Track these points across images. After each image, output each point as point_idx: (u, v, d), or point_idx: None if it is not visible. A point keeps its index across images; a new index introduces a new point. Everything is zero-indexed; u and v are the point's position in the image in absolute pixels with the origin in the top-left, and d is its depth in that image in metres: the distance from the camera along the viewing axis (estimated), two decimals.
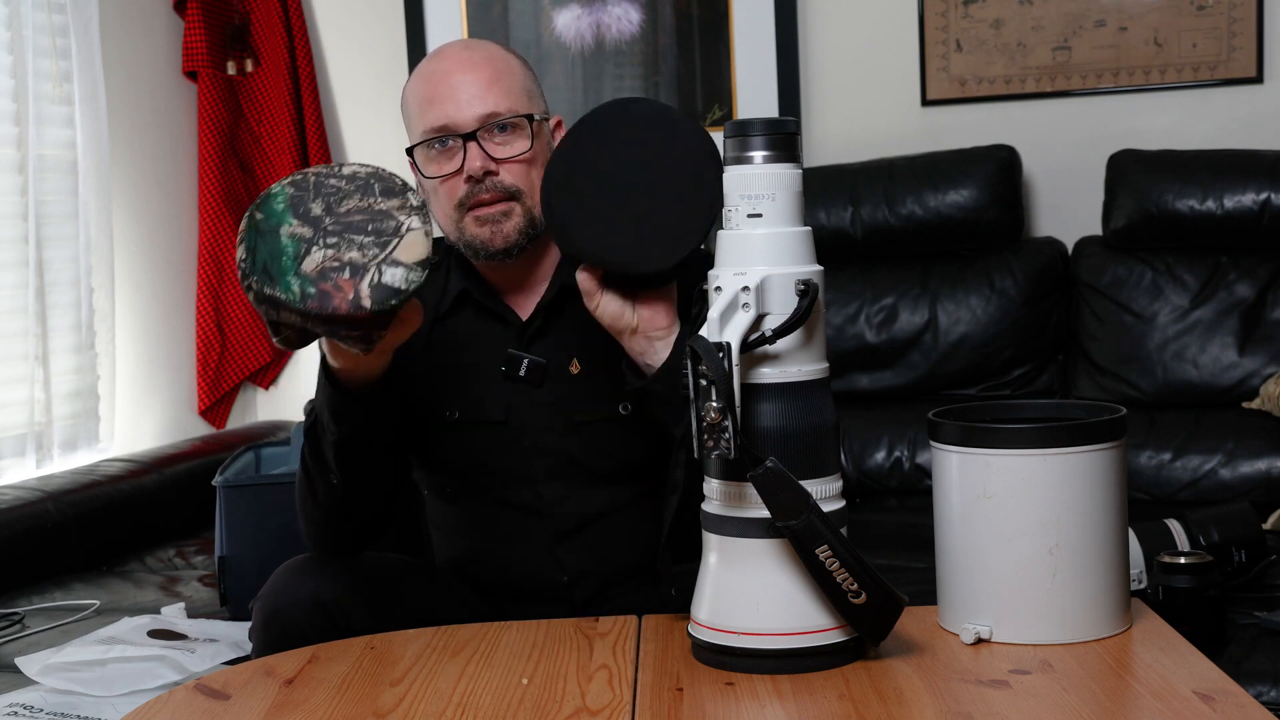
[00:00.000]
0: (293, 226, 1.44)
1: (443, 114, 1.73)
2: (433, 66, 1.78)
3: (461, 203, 1.73)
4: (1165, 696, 1.26)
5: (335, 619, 1.65)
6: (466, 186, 1.72)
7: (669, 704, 1.30)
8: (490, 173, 1.72)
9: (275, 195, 1.46)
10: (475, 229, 1.73)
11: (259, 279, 1.42)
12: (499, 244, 1.73)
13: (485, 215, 1.72)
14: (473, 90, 1.73)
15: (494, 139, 1.73)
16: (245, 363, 3.60)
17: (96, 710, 1.95)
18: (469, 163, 1.71)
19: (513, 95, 1.75)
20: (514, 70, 1.78)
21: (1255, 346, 2.90)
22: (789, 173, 1.39)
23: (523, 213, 1.73)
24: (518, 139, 1.74)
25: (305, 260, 1.42)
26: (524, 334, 1.77)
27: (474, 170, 1.71)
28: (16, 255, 2.95)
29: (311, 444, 1.68)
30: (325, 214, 1.46)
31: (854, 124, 3.36)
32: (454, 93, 1.73)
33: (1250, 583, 2.24)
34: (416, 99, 1.77)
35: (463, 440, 1.78)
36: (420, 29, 3.53)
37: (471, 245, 1.75)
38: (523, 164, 1.73)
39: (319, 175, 1.49)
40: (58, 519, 2.72)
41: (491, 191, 1.72)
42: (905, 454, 3.00)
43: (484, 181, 1.72)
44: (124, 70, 3.36)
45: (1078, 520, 1.39)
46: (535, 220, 1.74)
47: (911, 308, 3.07)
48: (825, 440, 1.38)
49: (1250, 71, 3.15)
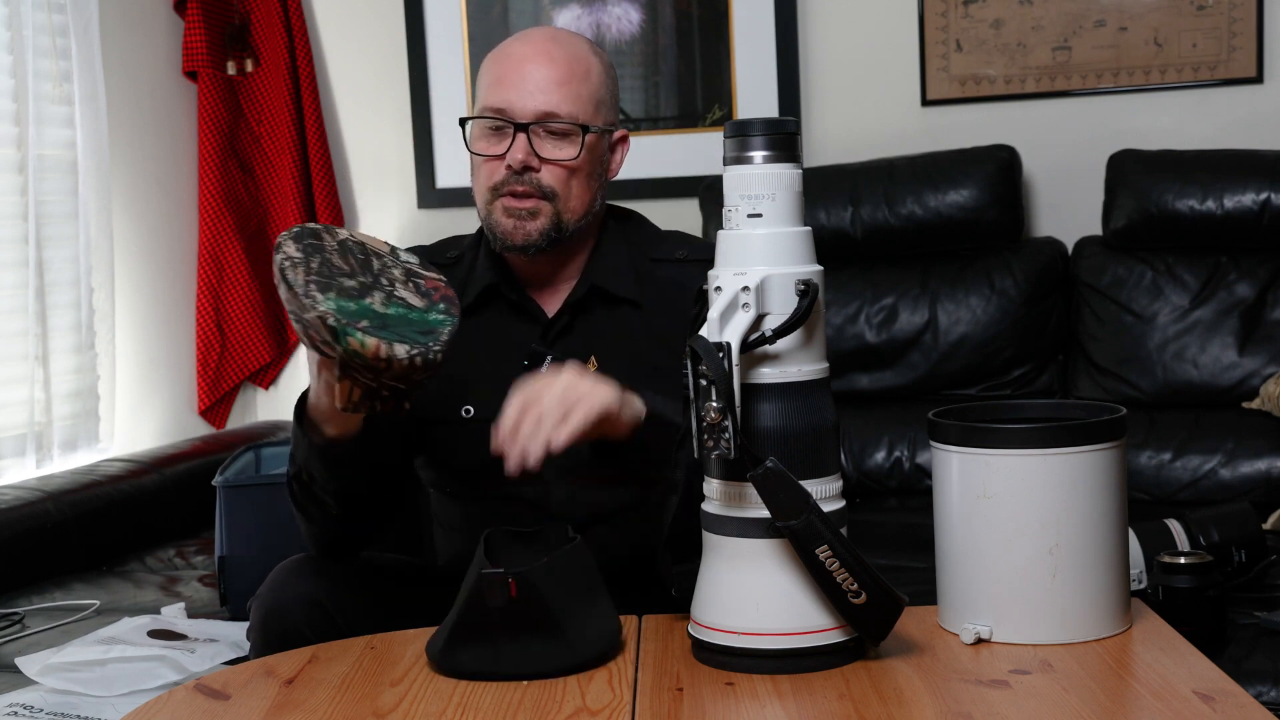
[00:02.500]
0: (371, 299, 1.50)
1: (505, 97, 1.73)
2: (515, 48, 1.77)
3: (496, 187, 1.73)
4: (1165, 696, 1.26)
5: (333, 618, 1.65)
6: (505, 173, 1.72)
7: (669, 704, 1.30)
8: (530, 168, 1.72)
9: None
10: (501, 218, 1.74)
11: (374, 335, 1.44)
12: (519, 239, 1.73)
13: (513, 208, 1.73)
14: (540, 83, 1.72)
15: (545, 137, 1.73)
16: (245, 363, 3.60)
17: (96, 710, 1.95)
18: (512, 153, 1.72)
19: (579, 101, 1.74)
20: (590, 75, 1.76)
21: (1255, 346, 2.90)
22: (789, 173, 1.39)
23: (551, 215, 1.73)
24: (568, 145, 1.73)
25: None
26: (549, 331, 1.77)
27: (514, 162, 1.72)
28: (16, 255, 2.95)
29: (300, 489, 1.69)
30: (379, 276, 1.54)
31: (854, 124, 3.36)
32: (522, 80, 1.73)
33: (1250, 583, 2.24)
34: (489, 74, 1.77)
35: (476, 438, 1.77)
36: (420, 29, 3.54)
37: (494, 232, 1.75)
38: (566, 169, 1.73)
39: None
40: (58, 519, 2.71)
41: (526, 186, 1.72)
42: (905, 454, 3.00)
43: (523, 175, 1.72)
44: (124, 70, 3.36)
45: (1078, 520, 1.39)
46: (563, 224, 1.74)
47: (911, 308, 3.07)
48: (825, 440, 1.38)
49: (1250, 71, 3.15)
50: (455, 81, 3.55)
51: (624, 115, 3.44)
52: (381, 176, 3.65)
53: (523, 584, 1.39)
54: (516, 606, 1.39)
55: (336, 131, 3.66)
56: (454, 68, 3.54)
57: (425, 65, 3.55)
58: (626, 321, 1.78)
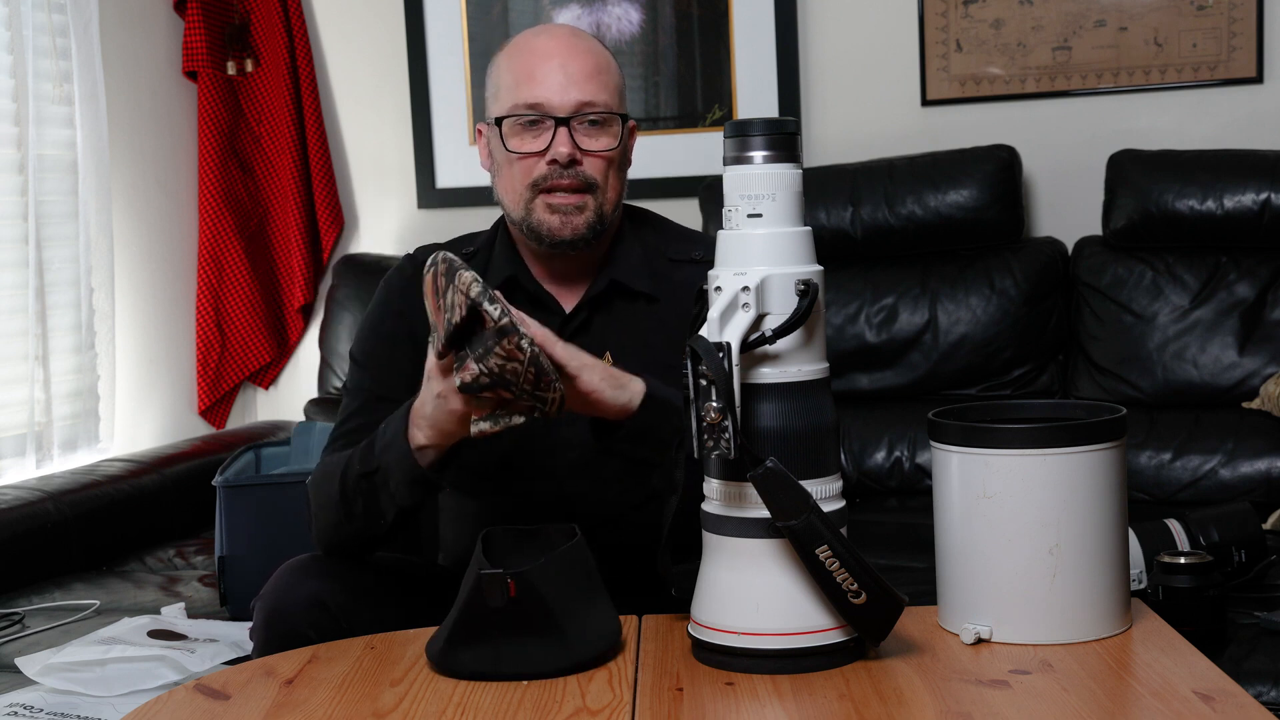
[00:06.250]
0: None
1: (541, 92, 1.73)
2: (538, 43, 1.77)
3: (536, 183, 1.73)
4: (1165, 696, 1.26)
5: (336, 619, 1.64)
6: (547, 168, 1.72)
7: (669, 704, 1.30)
8: (575, 161, 1.72)
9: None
10: (545, 215, 1.73)
11: (537, 348, 1.42)
12: (567, 234, 1.73)
13: (559, 204, 1.73)
14: (576, 75, 1.73)
15: (586, 129, 1.73)
16: (245, 363, 3.60)
17: (96, 710, 1.95)
18: (556, 146, 1.72)
19: (610, 91, 1.76)
20: (612, 69, 1.79)
21: (1255, 346, 2.89)
22: (789, 173, 1.39)
23: (595, 207, 1.74)
24: (606, 134, 1.75)
25: None
26: (566, 326, 1.77)
27: (560, 156, 1.71)
28: (16, 255, 2.95)
29: (366, 490, 1.64)
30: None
31: (854, 124, 3.36)
32: (556, 74, 1.73)
33: (1250, 583, 2.24)
34: (514, 71, 1.76)
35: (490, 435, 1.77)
36: (420, 29, 3.54)
37: (536, 230, 1.74)
38: (605, 159, 1.74)
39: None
40: (58, 519, 2.72)
41: (572, 179, 1.72)
42: (905, 454, 3.00)
43: (568, 168, 1.72)
44: (124, 70, 3.36)
45: (1078, 520, 1.39)
46: (605, 216, 1.75)
47: (911, 308, 3.07)
48: (825, 440, 1.38)
49: (1250, 71, 3.15)
50: (455, 81, 3.55)
51: None
52: (381, 176, 3.65)
53: (522, 584, 1.39)
54: (516, 606, 1.39)
55: (336, 131, 3.66)
56: (454, 68, 3.54)
57: (425, 65, 3.55)
58: (643, 318, 1.78)
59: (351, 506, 1.67)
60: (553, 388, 1.43)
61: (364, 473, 1.64)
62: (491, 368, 1.41)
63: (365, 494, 1.65)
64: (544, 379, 1.42)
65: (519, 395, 1.43)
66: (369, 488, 1.64)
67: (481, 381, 1.42)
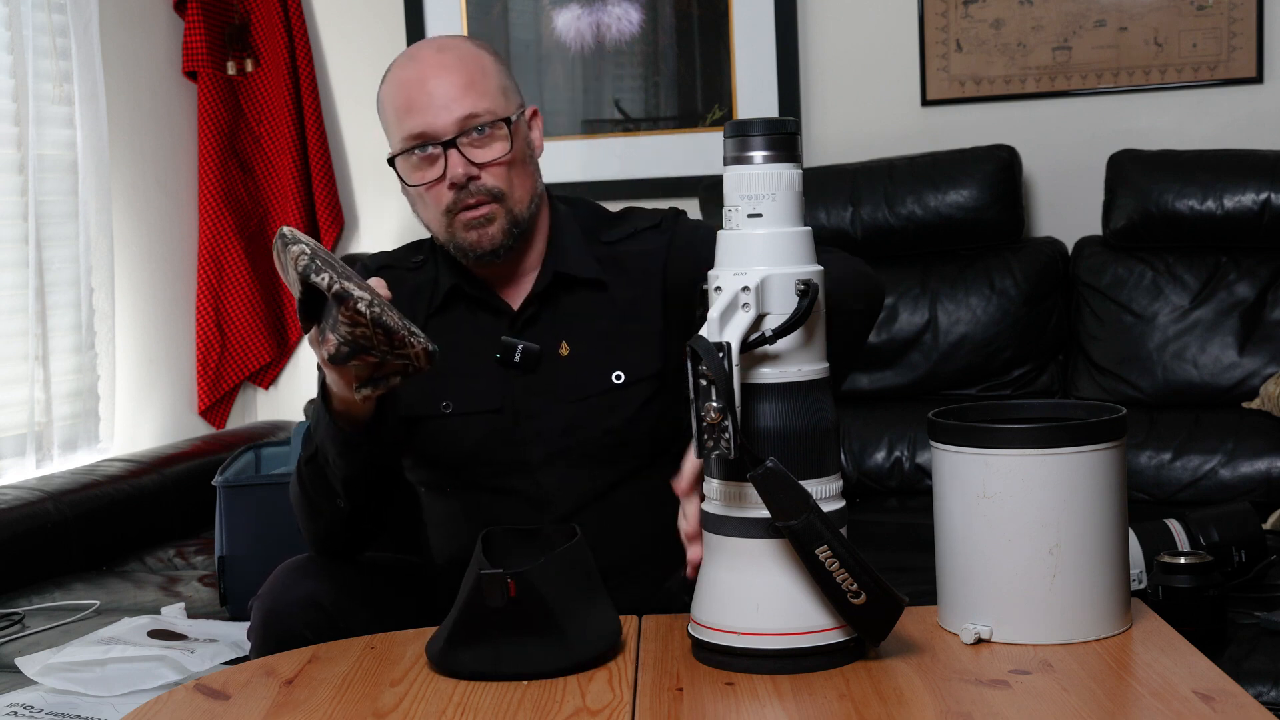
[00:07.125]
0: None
1: (421, 121, 1.73)
2: (406, 73, 1.78)
3: (449, 209, 1.75)
4: (1165, 696, 1.26)
5: (334, 619, 1.65)
6: (452, 193, 1.74)
7: (669, 704, 1.30)
8: (473, 177, 1.73)
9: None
10: (464, 233, 1.75)
11: (379, 308, 1.41)
12: (486, 245, 1.75)
13: (471, 219, 1.74)
14: (449, 95, 1.73)
15: (473, 143, 1.74)
16: (245, 363, 3.60)
17: (96, 710, 1.95)
18: (450, 170, 1.73)
19: (489, 96, 1.75)
20: (487, 69, 1.77)
21: (1255, 346, 2.89)
22: (789, 173, 1.39)
23: (505, 213, 1.75)
24: (496, 141, 1.75)
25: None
26: (515, 322, 1.79)
27: (456, 178, 1.73)
28: (16, 255, 2.95)
29: (313, 473, 1.69)
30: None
31: (854, 124, 3.36)
32: (430, 99, 1.73)
33: (1250, 583, 2.24)
34: (393, 106, 1.77)
35: (458, 431, 1.79)
36: (420, 29, 3.53)
37: (461, 248, 1.77)
38: (503, 165, 1.75)
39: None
40: (58, 519, 2.72)
41: (477, 195, 1.74)
42: (905, 454, 3.00)
43: (468, 186, 1.73)
44: (124, 70, 3.36)
45: (1078, 520, 1.39)
46: (518, 219, 1.76)
47: (911, 308, 3.07)
48: (825, 440, 1.38)
49: (1250, 71, 3.15)
50: None
51: (623, 115, 3.44)
52: (381, 177, 3.64)
53: (522, 584, 1.39)
54: (516, 606, 1.39)
55: (336, 131, 3.66)
56: None
57: None
58: (592, 302, 1.80)
59: (310, 494, 1.71)
60: (408, 343, 1.43)
61: (308, 457, 1.69)
62: (344, 336, 1.41)
63: (315, 477, 1.68)
64: (395, 337, 1.42)
65: (382, 358, 1.44)
66: (315, 470, 1.68)
67: (343, 351, 1.43)
